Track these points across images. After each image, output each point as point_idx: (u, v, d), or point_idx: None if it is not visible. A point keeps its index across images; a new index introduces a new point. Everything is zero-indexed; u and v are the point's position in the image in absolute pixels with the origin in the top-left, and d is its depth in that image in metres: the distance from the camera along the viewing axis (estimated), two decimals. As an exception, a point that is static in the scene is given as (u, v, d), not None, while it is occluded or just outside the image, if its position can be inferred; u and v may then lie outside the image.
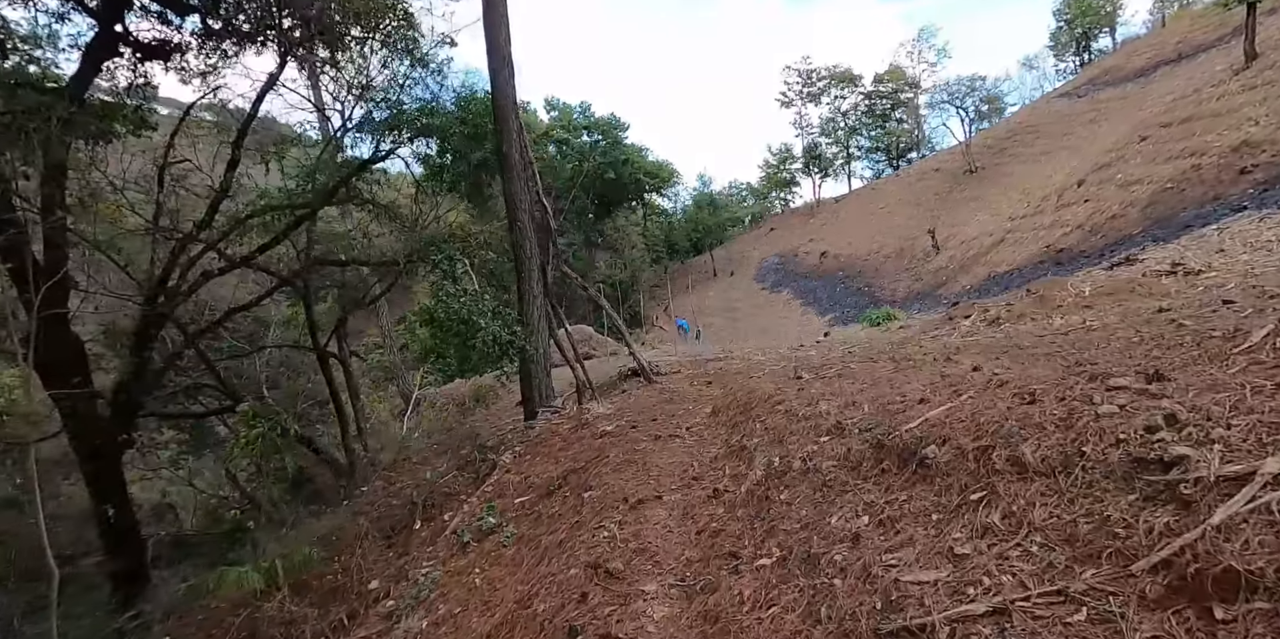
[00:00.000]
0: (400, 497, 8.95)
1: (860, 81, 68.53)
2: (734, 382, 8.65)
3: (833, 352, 10.21)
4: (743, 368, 10.32)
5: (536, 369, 9.23)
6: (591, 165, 48.43)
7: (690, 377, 10.43)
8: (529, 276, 9.04)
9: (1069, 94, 50.01)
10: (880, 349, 8.97)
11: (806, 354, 10.68)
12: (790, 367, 8.59)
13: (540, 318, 9.17)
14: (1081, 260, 20.03)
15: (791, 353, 12.25)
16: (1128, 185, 23.26)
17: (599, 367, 17.85)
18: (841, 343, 12.90)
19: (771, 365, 9.73)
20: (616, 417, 7.74)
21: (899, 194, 51.50)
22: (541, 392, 9.26)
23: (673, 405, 7.84)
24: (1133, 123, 31.21)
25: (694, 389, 9.01)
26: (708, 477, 4.74)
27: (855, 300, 37.55)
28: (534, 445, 7.85)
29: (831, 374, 6.70)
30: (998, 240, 30.09)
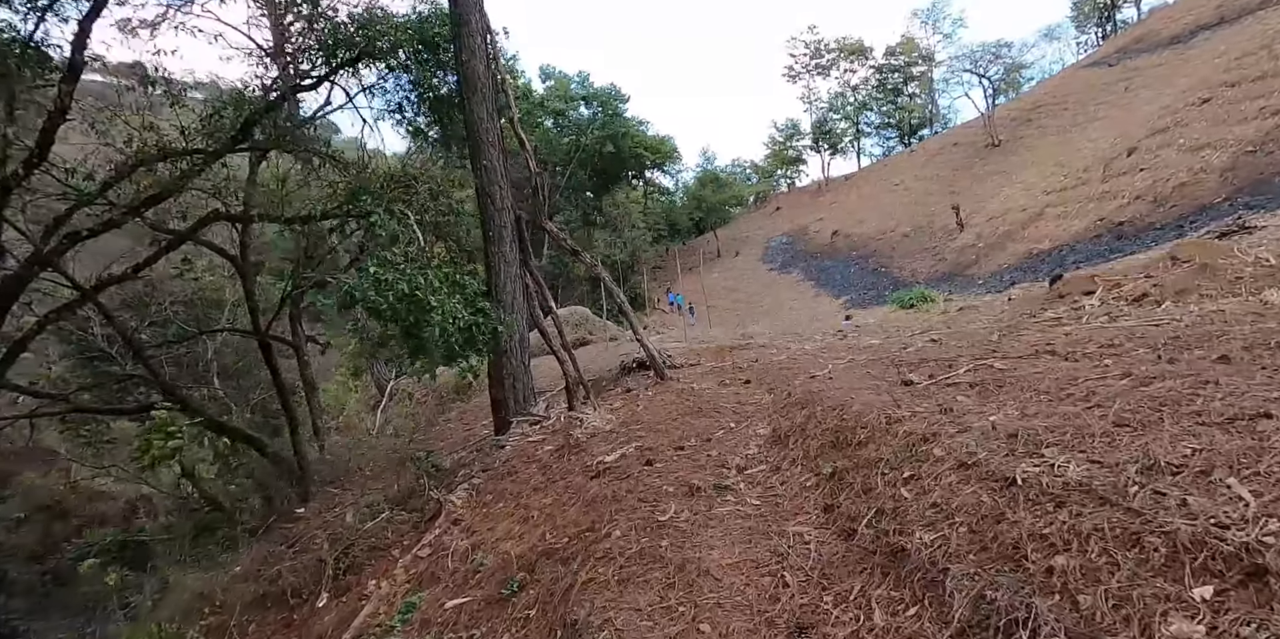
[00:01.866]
0: (330, 532, 6.47)
1: (871, 54, 65.38)
2: (782, 379, 6.17)
3: (901, 338, 7.74)
4: (783, 359, 7.82)
5: (512, 363, 6.71)
6: (590, 139, 45.63)
7: (716, 370, 7.94)
8: (499, 236, 6.51)
9: (1098, 63, 47.13)
10: (978, 336, 6.50)
11: (864, 341, 8.20)
12: (864, 359, 6.11)
13: (517, 293, 6.63)
14: (1152, 233, 17.51)
15: (837, 340, 9.77)
16: (1194, 150, 20.70)
17: (597, 355, 15.32)
18: (896, 328, 10.42)
19: (822, 355, 7.25)
20: (620, 435, 5.23)
21: (915, 170, 48.78)
22: (519, 393, 6.76)
23: (702, 419, 5.33)
24: (1182, 86, 28.64)
25: (727, 390, 6.50)
26: (823, 627, 2.20)
27: (871, 281, 35.03)
28: (499, 478, 5.34)
29: (966, 378, 4.17)
30: (1034, 215, 27.54)
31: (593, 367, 13.85)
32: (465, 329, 5.55)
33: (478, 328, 5.68)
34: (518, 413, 6.74)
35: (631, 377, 9.18)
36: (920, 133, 67.22)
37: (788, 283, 41.77)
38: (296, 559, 5.73)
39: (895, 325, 11.21)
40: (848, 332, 11.69)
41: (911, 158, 53.14)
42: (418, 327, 5.28)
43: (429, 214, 6.82)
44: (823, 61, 64.25)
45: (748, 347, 10.25)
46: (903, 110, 66.00)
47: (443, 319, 5.24)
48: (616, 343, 16.94)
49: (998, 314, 8.74)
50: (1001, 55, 43.54)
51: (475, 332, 5.68)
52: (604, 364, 13.65)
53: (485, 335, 5.77)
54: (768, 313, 38.04)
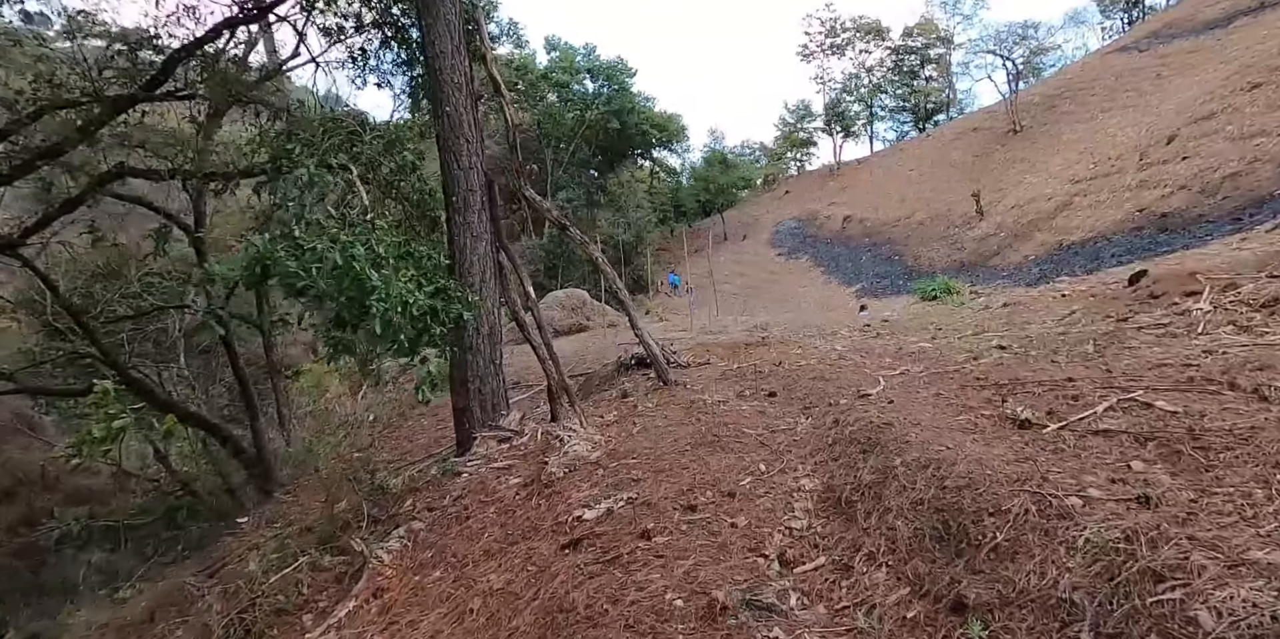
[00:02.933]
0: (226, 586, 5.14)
1: (888, 35, 63.19)
2: (819, 395, 4.87)
3: (953, 341, 6.41)
4: (813, 363, 6.47)
5: (479, 362, 5.36)
6: (595, 114, 43.93)
7: (730, 375, 6.60)
8: (464, 203, 5.15)
9: (1127, 48, 45.18)
10: (1064, 346, 5.17)
11: (907, 343, 6.88)
12: (920, 371, 4.78)
13: (487, 275, 5.25)
14: (1204, 225, 16.09)
15: (868, 337, 8.46)
16: (1245, 138, 19.19)
17: (593, 344, 13.96)
18: (935, 325, 9.05)
19: (860, 359, 5.93)
20: (608, 472, 3.91)
21: (931, 156, 47.11)
22: (486, 399, 5.43)
23: (719, 454, 4.00)
24: (1225, 72, 27.01)
25: (748, 406, 5.15)
26: None
27: (885, 270, 33.61)
28: (446, 524, 4.03)
29: (1118, 423, 2.81)
30: (1061, 205, 26.06)
31: (587, 357, 12.50)
32: (420, 317, 4.16)
33: (435, 314, 4.29)
34: (484, 425, 5.41)
35: (629, 376, 7.86)
36: (936, 118, 65.22)
37: (797, 269, 40.35)
38: (185, 623, 4.41)
39: (930, 321, 9.82)
40: (873, 325, 10.34)
41: (927, 143, 51.42)
42: (355, 312, 3.90)
43: (381, 170, 5.41)
44: (838, 40, 62.09)
45: (765, 343, 8.89)
46: (919, 93, 63.96)
47: (388, 302, 3.86)
48: (616, 329, 15.59)
49: (1064, 315, 7.34)
50: (1028, 36, 41.61)
51: (432, 320, 4.29)
52: (600, 355, 12.32)
53: (446, 325, 4.39)
54: (777, 299, 36.69)
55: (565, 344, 14.55)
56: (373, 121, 5.85)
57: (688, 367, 7.66)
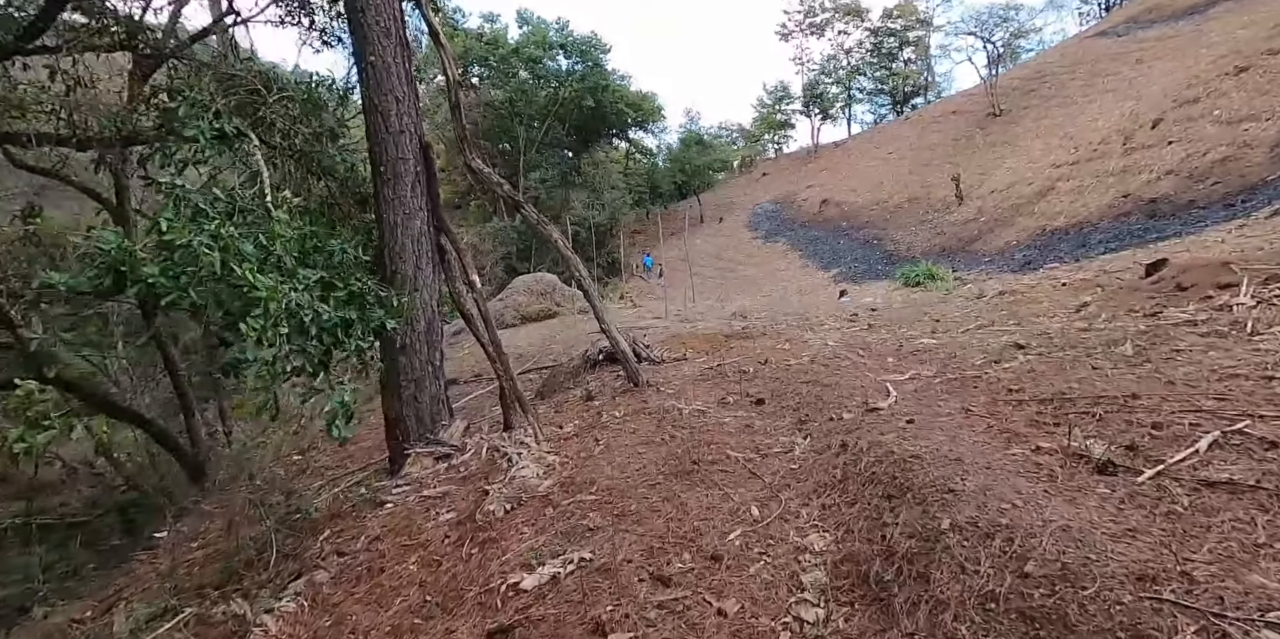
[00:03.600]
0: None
1: (867, 16, 62.43)
2: (815, 404, 4.15)
3: (958, 337, 5.69)
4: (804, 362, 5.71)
5: (414, 363, 4.50)
6: (569, 91, 42.63)
7: (710, 374, 5.81)
8: (394, 174, 4.28)
9: (1105, 33, 44.90)
10: (1097, 347, 4.47)
11: (908, 338, 6.13)
12: (933, 376, 4.05)
13: (422, 260, 4.37)
14: (1194, 211, 15.59)
15: (860, 329, 7.74)
16: (1233, 123, 18.75)
17: (561, 331, 13.09)
18: (930, 316, 8.38)
19: (857, 357, 5.20)
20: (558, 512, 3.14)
21: (910, 139, 46.63)
22: (422, 408, 4.56)
23: (699, 490, 3.22)
24: (1210, 57, 26.71)
25: (731, 417, 4.37)
26: None
27: (863, 254, 33.07)
28: (353, 580, 3.19)
29: (1237, 472, 1.94)
30: (1043, 190, 25.64)
31: (553, 347, 11.63)
32: (330, 329, 3.28)
33: (347, 329, 3.41)
34: (420, 438, 4.56)
35: (597, 373, 7.04)
36: (913, 101, 64.75)
37: (774, 252, 39.69)
38: None
39: (924, 311, 9.12)
40: (861, 315, 9.64)
41: (906, 126, 50.94)
42: (236, 328, 3.00)
43: (295, 139, 4.47)
44: (817, 20, 61.25)
45: (747, 335, 8.10)
46: (897, 76, 63.36)
47: (264, 321, 2.95)
48: (587, 316, 14.73)
49: (1076, 308, 6.64)
50: (1009, 18, 41.05)
51: (345, 334, 3.41)
52: (568, 345, 11.48)
53: (364, 339, 3.51)
54: (754, 283, 36.07)
55: (532, 331, 13.66)
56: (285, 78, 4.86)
57: (661, 363, 6.87)
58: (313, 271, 3.21)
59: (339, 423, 3.12)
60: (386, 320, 3.76)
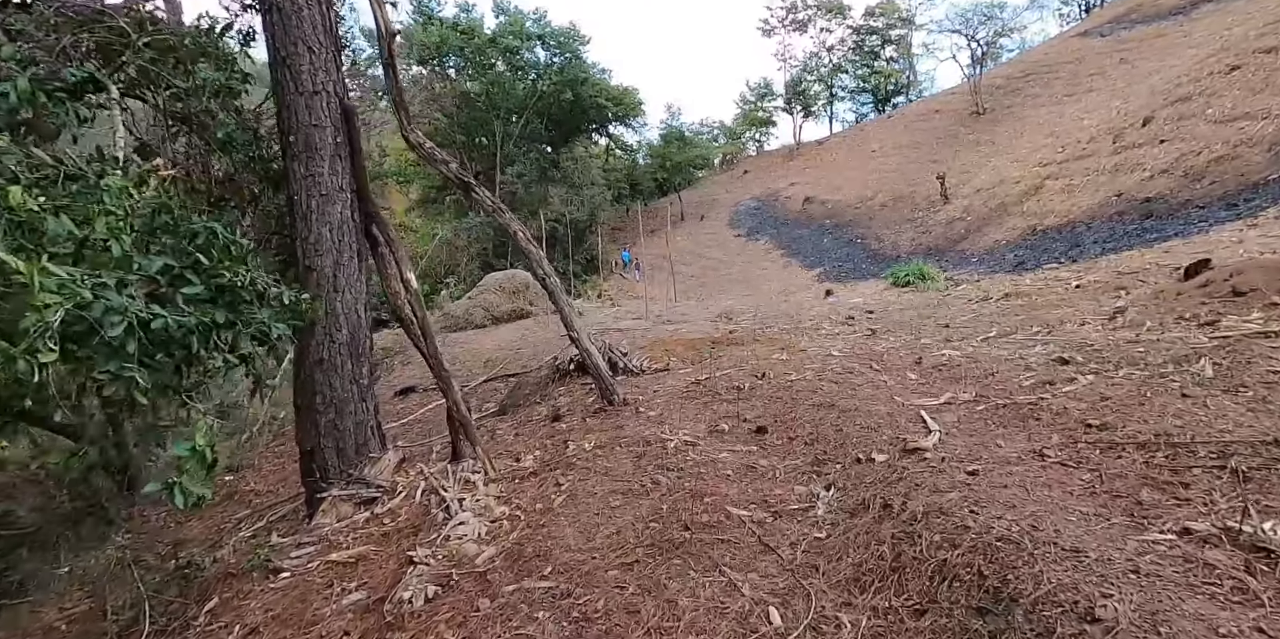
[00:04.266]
0: None
1: (849, 13, 61.99)
2: (831, 433, 3.31)
3: (976, 345, 4.91)
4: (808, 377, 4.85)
5: (332, 382, 3.57)
6: (547, 84, 41.56)
7: (697, 391, 4.94)
8: (308, 146, 3.40)
9: (1089, 33, 44.83)
10: (1155, 364, 3.71)
11: (925, 347, 5.33)
12: (974, 399, 3.26)
13: (343, 253, 3.45)
14: (1193, 211, 15.04)
15: (861, 336, 6.96)
16: (1227, 121, 18.30)
17: (533, 333, 12.17)
18: (935, 321, 7.61)
19: (872, 371, 4.38)
20: (496, 602, 2.17)
21: (893, 137, 46.24)
22: (345, 436, 3.65)
23: (691, 573, 2.23)
24: (1200, 55, 26.40)
25: (728, 454, 3.48)
26: None
27: (847, 253, 32.49)
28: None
29: None
30: (1031, 188, 25.16)
31: (524, 351, 10.70)
32: (175, 342, 2.34)
33: (208, 337, 2.47)
34: (342, 474, 3.63)
35: (568, 385, 6.16)
36: (895, 100, 64.45)
37: (757, 250, 39.01)
38: None
39: (926, 315, 8.35)
40: (858, 318, 8.85)
41: (889, 124, 50.56)
42: None
43: (187, 99, 3.52)
44: (800, 17, 60.65)
45: (736, 340, 7.24)
46: (879, 75, 63.01)
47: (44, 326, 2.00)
48: (561, 317, 13.83)
49: (1109, 314, 5.86)
50: (994, 16, 40.70)
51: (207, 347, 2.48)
52: (539, 349, 10.55)
53: (232, 352, 2.59)
54: (736, 282, 35.37)
55: (503, 333, 12.72)
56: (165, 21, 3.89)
57: (641, 373, 6.01)
58: (154, 259, 2.30)
59: (185, 479, 2.21)
60: (277, 325, 2.85)
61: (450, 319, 13.84)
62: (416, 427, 7.72)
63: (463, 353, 11.58)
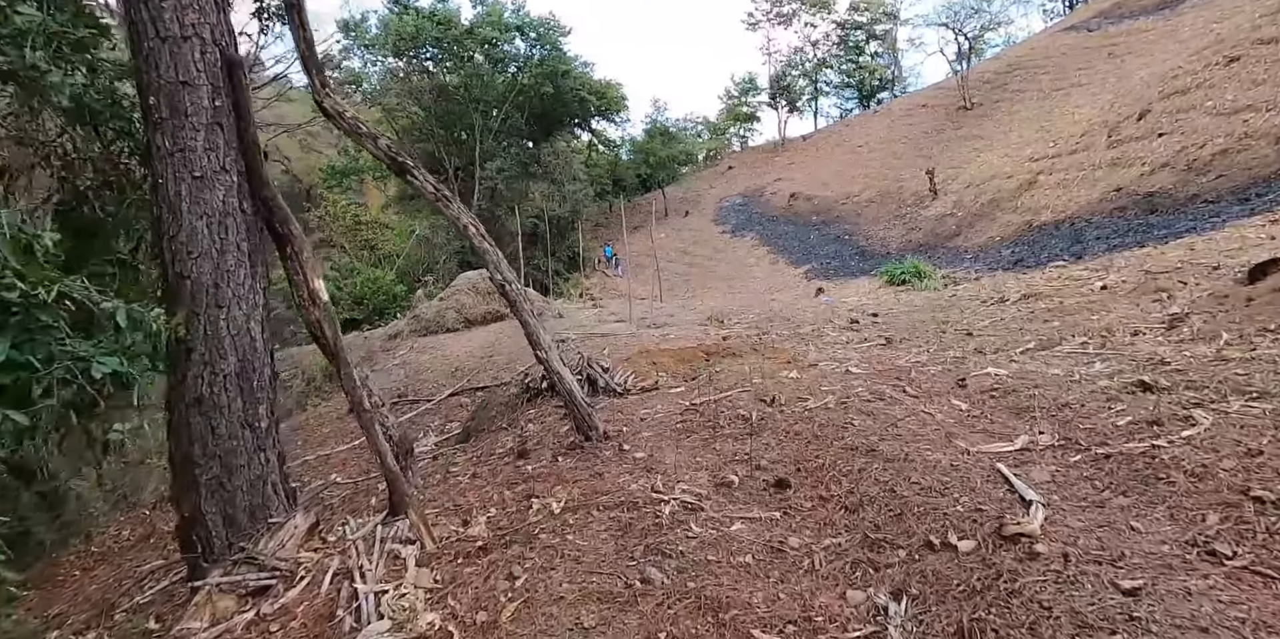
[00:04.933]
0: None
1: (834, 8, 61.31)
2: (881, 494, 2.37)
3: (1018, 361, 4.13)
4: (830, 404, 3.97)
5: (216, 427, 2.59)
6: (528, 76, 40.44)
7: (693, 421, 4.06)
8: (174, 110, 2.40)
9: (1076, 27, 44.47)
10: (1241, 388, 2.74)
11: (968, 367, 4.49)
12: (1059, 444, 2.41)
13: (229, 253, 2.47)
14: (1201, 206, 14.40)
15: (876, 345, 6.15)
16: (1230, 113, 17.72)
17: (507, 338, 11.21)
18: (956, 327, 6.78)
19: (907, 397, 3.58)
20: None
21: (879, 132, 45.62)
22: (235, 496, 2.68)
23: None
24: (1194, 48, 25.92)
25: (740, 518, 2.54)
26: None
27: (835, 250, 31.75)
28: None
29: None
30: (1024, 183, 24.55)
31: (495, 359, 9.77)
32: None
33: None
34: (232, 546, 2.70)
35: (539, 409, 5.26)
36: (880, 95, 63.91)
37: (742, 247, 38.19)
38: None
39: (939, 319, 7.53)
40: (862, 321, 8.02)
41: (875, 119, 49.95)
42: None
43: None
44: (784, 10, 59.87)
45: (731, 350, 6.37)
46: (864, 70, 62.41)
47: None
48: (541, 319, 12.86)
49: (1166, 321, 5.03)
50: (981, 9, 40.15)
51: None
52: (512, 357, 9.64)
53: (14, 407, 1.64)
54: (723, 279, 34.58)
55: (475, 338, 11.76)
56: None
57: (625, 394, 5.13)
58: None
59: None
60: (104, 360, 1.93)
61: (420, 322, 12.86)
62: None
63: (431, 360, 10.61)
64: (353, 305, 23.19)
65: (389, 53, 38.97)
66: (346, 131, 3.30)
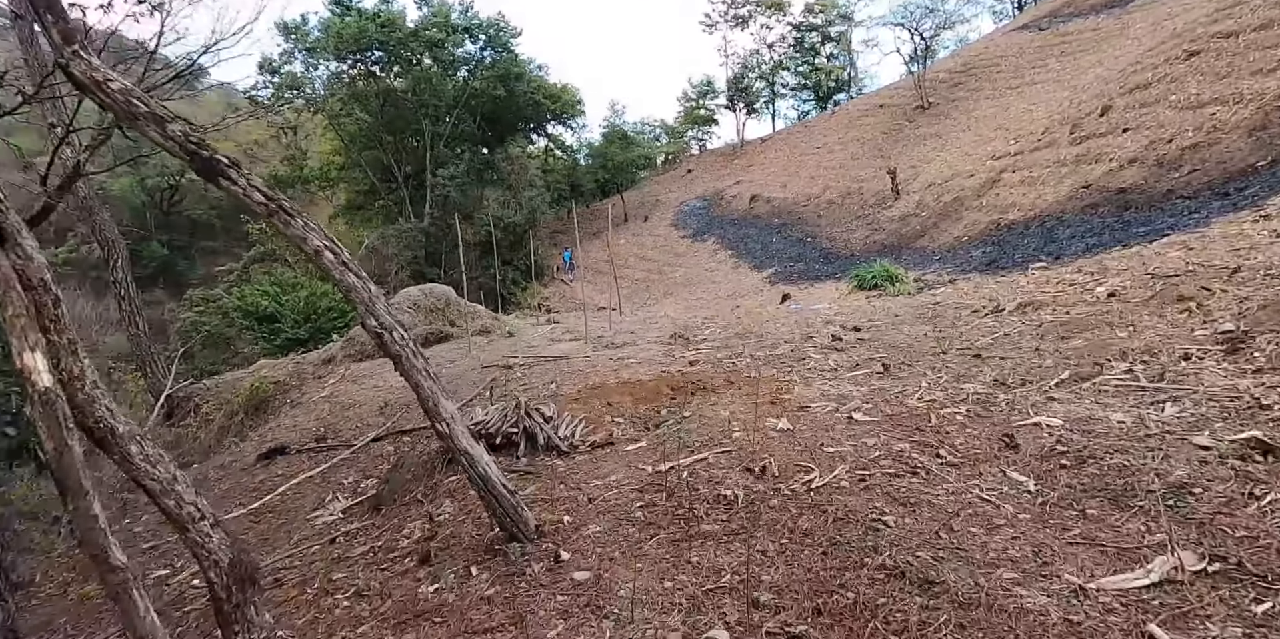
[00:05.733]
0: None
1: (789, 10, 61.25)
2: None
3: (1052, 398, 3.11)
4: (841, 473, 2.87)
5: None
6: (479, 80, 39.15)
7: (658, 496, 2.92)
8: None
9: (1027, 27, 44.86)
10: None
11: (980, 402, 3.51)
12: None
13: None
14: (1178, 202, 13.88)
15: (872, 371, 5.16)
16: (1196, 107, 17.42)
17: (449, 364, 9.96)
18: (959, 345, 5.89)
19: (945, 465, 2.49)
20: None
21: (838, 133, 45.37)
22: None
23: None
24: (1151, 43, 25.93)
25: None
26: None
27: (798, 252, 31.10)
28: None
29: None
30: (987, 181, 24.16)
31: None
32: None
33: None
34: None
35: (460, 476, 4.09)
36: (836, 97, 63.98)
37: (703, 251, 37.39)
38: None
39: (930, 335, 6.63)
40: (845, 339, 7.07)
41: (833, 120, 49.75)
42: None
43: None
44: (741, 12, 59.56)
45: (702, 383, 5.33)
46: (820, 71, 62.41)
47: None
48: (488, 338, 11.69)
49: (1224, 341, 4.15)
50: (937, 9, 40.09)
51: None
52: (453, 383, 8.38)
53: None
54: (683, 285, 33.72)
55: (415, 362, 10.52)
56: None
57: (573, 451, 4.05)
58: None
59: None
60: None
61: (355, 345, 11.55)
62: (267, 519, 5.57)
63: (361, 392, 9.37)
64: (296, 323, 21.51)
65: (331, 56, 37.27)
66: (111, 108, 2.19)
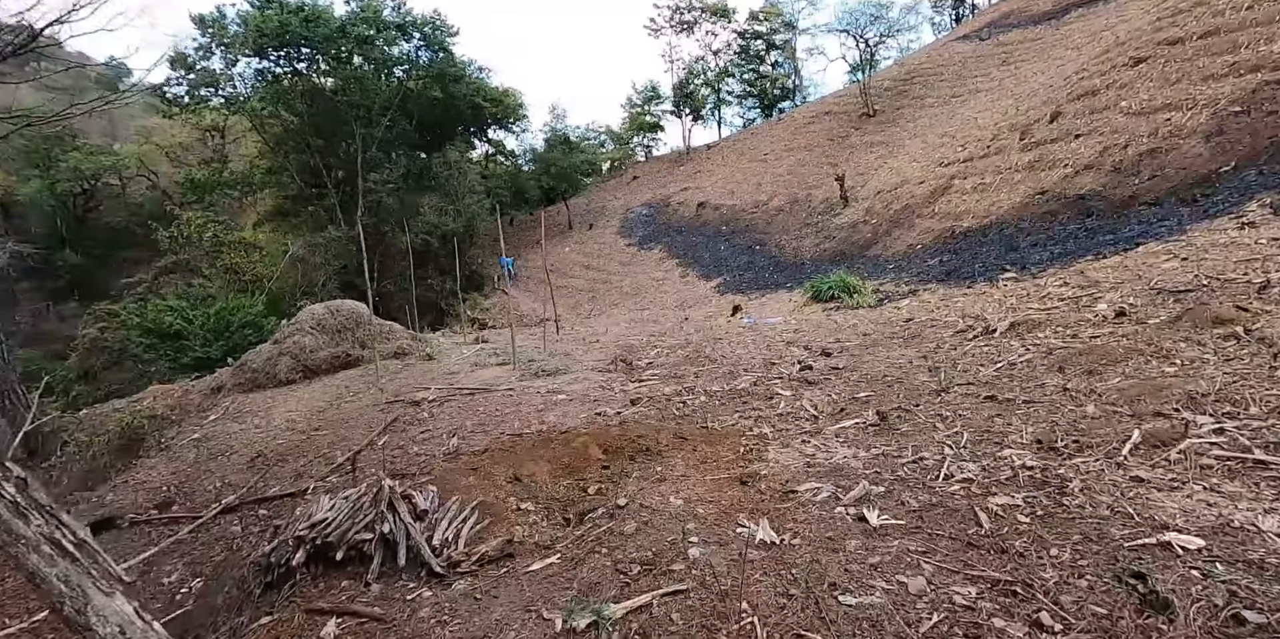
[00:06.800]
0: None
1: (734, 17, 61.16)
2: None
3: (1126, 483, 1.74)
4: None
5: None
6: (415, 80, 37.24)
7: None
8: None
9: (968, 36, 45.40)
10: None
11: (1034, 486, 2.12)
12: None
13: None
14: (1143, 209, 13.30)
15: (862, 431, 3.72)
16: (1149, 113, 17.10)
17: (351, 396, 8.32)
18: (1006, 399, 4.66)
19: None
20: None
21: (784, 140, 44.98)
22: None
23: None
24: (1096, 51, 25.97)
25: None
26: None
27: (747, 261, 30.27)
28: None
29: None
30: (938, 189, 23.68)
31: (320, 435, 7.04)
32: None
33: None
34: None
35: (277, 617, 2.32)
36: (781, 104, 64.00)
37: (650, 260, 36.28)
38: None
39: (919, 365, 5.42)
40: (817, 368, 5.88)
41: (779, 127, 49.44)
42: None
43: None
44: (686, 18, 59.12)
45: (646, 441, 3.93)
46: (765, 79, 62.37)
47: None
48: (403, 363, 10.11)
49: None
50: (882, 16, 40.08)
51: None
52: (346, 426, 6.93)
53: None
54: (629, 295, 32.51)
55: (308, 396, 8.89)
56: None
57: (448, 572, 2.67)
58: None
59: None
60: None
61: (245, 373, 9.81)
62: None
63: (240, 433, 7.74)
64: (207, 341, 19.24)
65: (250, 52, 34.84)
66: None
